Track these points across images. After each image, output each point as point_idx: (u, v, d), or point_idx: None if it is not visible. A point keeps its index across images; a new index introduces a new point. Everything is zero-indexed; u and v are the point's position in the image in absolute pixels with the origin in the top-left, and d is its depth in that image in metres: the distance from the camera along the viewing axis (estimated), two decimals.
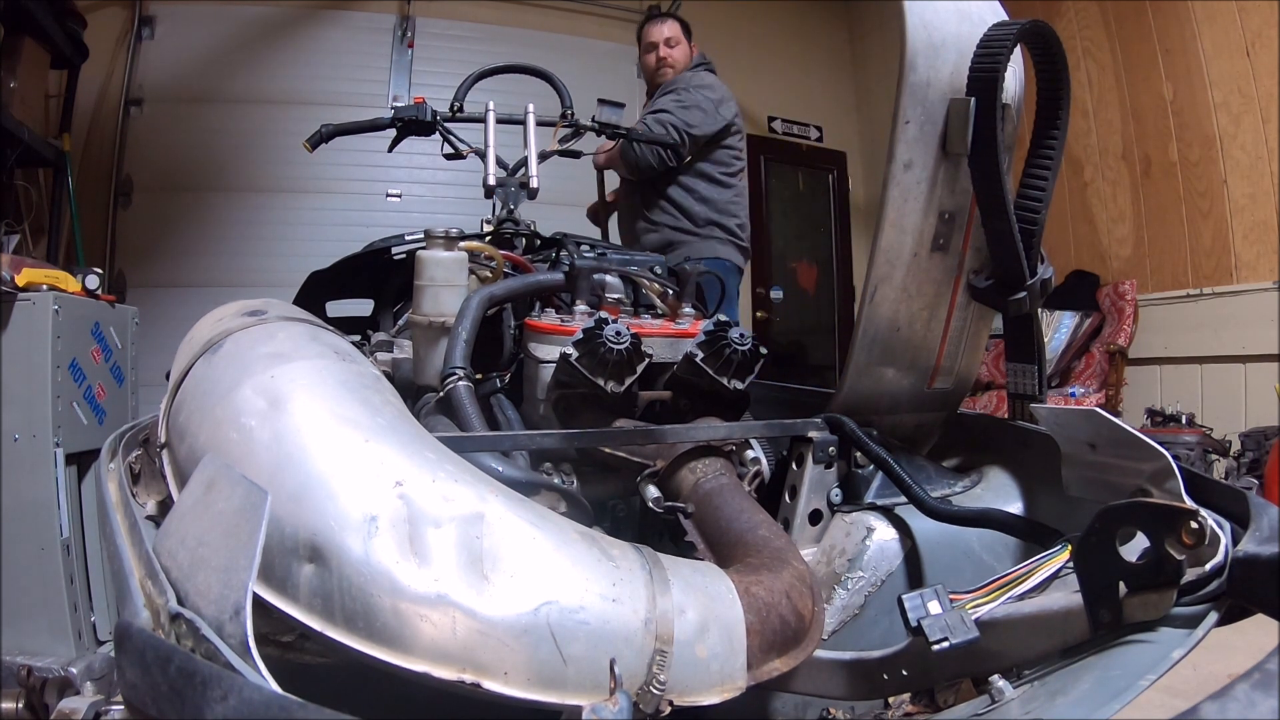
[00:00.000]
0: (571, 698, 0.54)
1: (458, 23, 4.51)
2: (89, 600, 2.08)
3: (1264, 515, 0.62)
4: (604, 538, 0.65)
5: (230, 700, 0.40)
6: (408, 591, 0.54)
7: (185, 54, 4.03)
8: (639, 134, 2.48)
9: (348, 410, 0.66)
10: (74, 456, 2.07)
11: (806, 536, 0.94)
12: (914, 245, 0.95)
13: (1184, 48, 3.51)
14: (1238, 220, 3.36)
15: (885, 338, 0.99)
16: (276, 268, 3.80)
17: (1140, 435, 0.73)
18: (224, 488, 0.54)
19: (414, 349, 1.20)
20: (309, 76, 4.21)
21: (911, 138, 0.89)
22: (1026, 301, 0.99)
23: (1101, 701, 0.53)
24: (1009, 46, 0.87)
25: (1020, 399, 1.08)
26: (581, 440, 0.90)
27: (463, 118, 1.85)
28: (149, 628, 0.50)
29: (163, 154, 3.97)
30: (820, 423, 0.96)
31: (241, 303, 0.89)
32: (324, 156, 2.12)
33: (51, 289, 2.05)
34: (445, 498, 0.59)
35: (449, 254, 1.17)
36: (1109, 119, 3.92)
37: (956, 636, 0.64)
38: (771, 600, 0.64)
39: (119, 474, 0.83)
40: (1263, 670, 0.40)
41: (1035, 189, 0.98)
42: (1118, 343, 3.61)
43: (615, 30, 4.79)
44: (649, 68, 2.89)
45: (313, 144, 1.79)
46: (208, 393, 0.71)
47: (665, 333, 1.07)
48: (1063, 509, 0.87)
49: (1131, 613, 0.61)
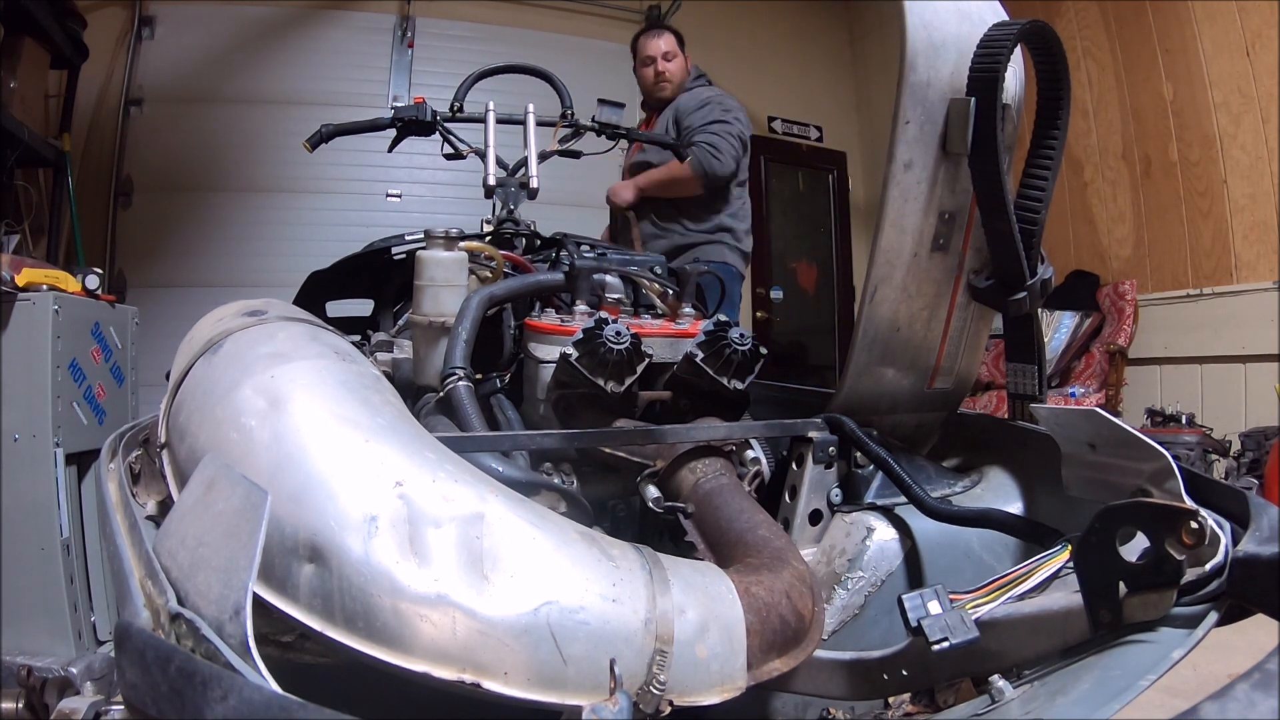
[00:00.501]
0: (571, 698, 0.54)
1: (458, 23, 4.51)
2: (89, 600, 2.08)
3: (1264, 515, 0.62)
4: (604, 538, 0.65)
5: (230, 700, 0.40)
6: (408, 591, 0.54)
7: (185, 54, 4.04)
8: (711, 144, 2.60)
9: (348, 410, 0.66)
10: (74, 456, 2.07)
11: (806, 536, 0.94)
12: (914, 245, 0.95)
13: (1184, 48, 3.51)
14: (1238, 220, 3.36)
15: (885, 338, 0.99)
16: (276, 268, 3.80)
17: (1140, 435, 0.73)
18: (224, 488, 0.54)
19: (414, 349, 1.20)
20: (309, 76, 4.21)
21: (911, 138, 0.89)
22: (1026, 301, 0.99)
23: (1101, 701, 0.53)
24: (1009, 46, 0.87)
25: (1020, 399, 1.08)
26: (581, 440, 0.90)
27: (463, 118, 1.85)
28: (149, 628, 0.50)
29: (163, 154, 3.98)
30: (820, 423, 0.96)
31: (241, 303, 0.89)
32: (324, 156, 2.12)
33: (51, 289, 2.05)
34: (445, 498, 0.59)
35: (449, 254, 1.17)
36: (1109, 119, 3.92)
37: (956, 636, 0.64)
38: (771, 600, 0.64)
39: (119, 474, 0.83)
40: (1263, 670, 0.40)
41: (1035, 189, 0.98)
42: (1118, 343, 3.61)
43: (615, 30, 4.79)
44: (646, 81, 2.92)
45: (313, 144, 1.79)
46: (208, 393, 0.71)
47: (665, 333, 1.07)
48: (1063, 509, 0.87)
49: (1131, 613, 0.61)
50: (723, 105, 2.74)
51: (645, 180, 2.75)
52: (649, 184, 2.75)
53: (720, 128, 2.67)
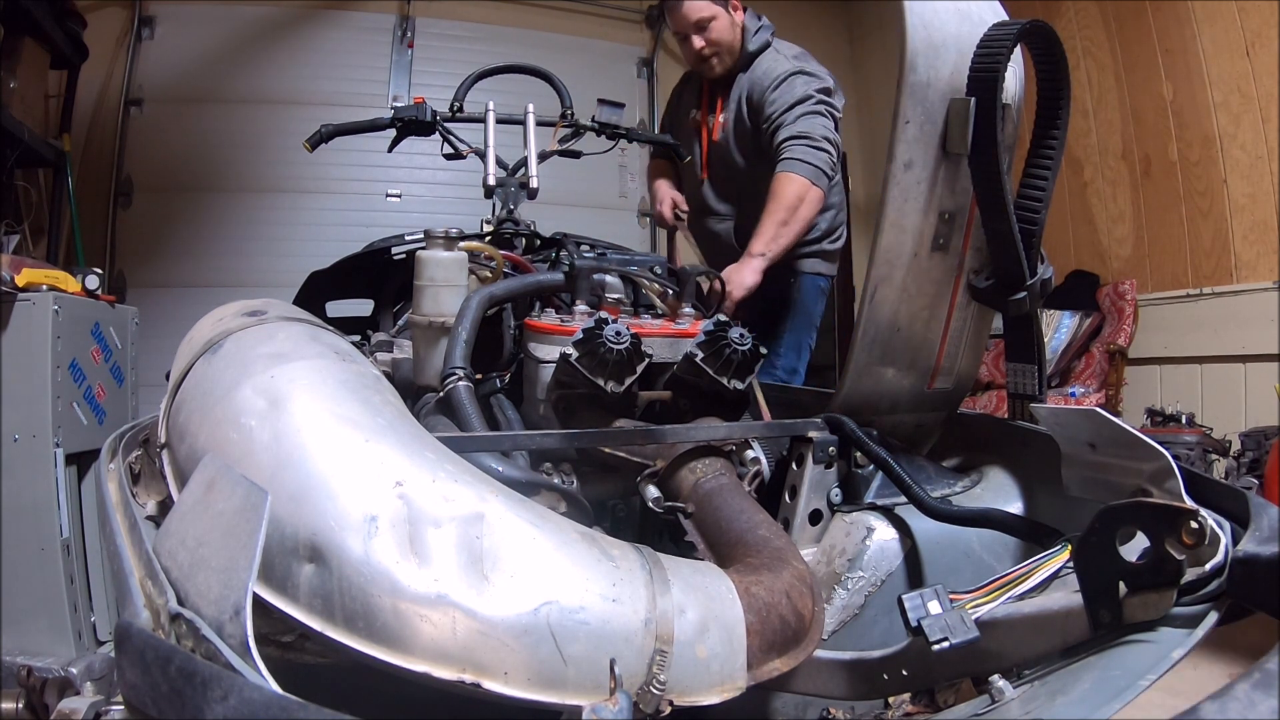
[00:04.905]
0: (571, 698, 0.54)
1: (458, 23, 4.50)
2: (89, 600, 2.08)
3: (1264, 515, 0.62)
4: (604, 538, 0.65)
5: (230, 700, 0.40)
6: (408, 591, 0.54)
7: (185, 54, 4.03)
8: (808, 136, 1.93)
9: (348, 410, 0.66)
10: (74, 456, 2.07)
11: (806, 536, 0.94)
12: (914, 245, 0.95)
13: (1184, 48, 3.50)
14: (1238, 220, 3.35)
15: (885, 338, 0.99)
16: (276, 268, 3.80)
17: (1140, 435, 0.73)
18: (224, 488, 0.54)
19: (414, 349, 1.20)
20: (309, 76, 4.21)
21: (911, 138, 0.89)
22: (1026, 301, 0.99)
23: (1101, 701, 0.53)
24: (1009, 46, 0.87)
25: (1020, 399, 1.08)
26: (581, 440, 0.90)
27: (463, 118, 1.85)
28: (149, 628, 0.50)
29: (163, 154, 3.97)
30: (820, 423, 0.96)
31: (241, 303, 0.89)
32: (324, 156, 2.11)
33: (51, 289, 2.05)
34: (445, 498, 0.59)
35: (449, 254, 1.17)
36: (1109, 119, 3.91)
37: (956, 636, 0.64)
38: (771, 600, 0.64)
39: (119, 474, 0.83)
40: (1263, 670, 0.40)
41: (1035, 189, 0.98)
42: (1118, 343, 3.61)
43: (615, 30, 4.79)
44: (690, 62, 2.22)
45: (313, 144, 1.79)
46: (208, 393, 0.71)
47: (665, 333, 1.07)
48: (1063, 509, 0.87)
49: (1131, 613, 0.61)
50: (806, 77, 2.02)
51: (771, 246, 1.89)
52: (779, 246, 1.90)
53: (814, 121, 1.96)
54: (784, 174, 1.89)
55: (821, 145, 1.91)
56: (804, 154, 1.90)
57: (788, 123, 1.96)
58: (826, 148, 1.92)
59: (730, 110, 2.16)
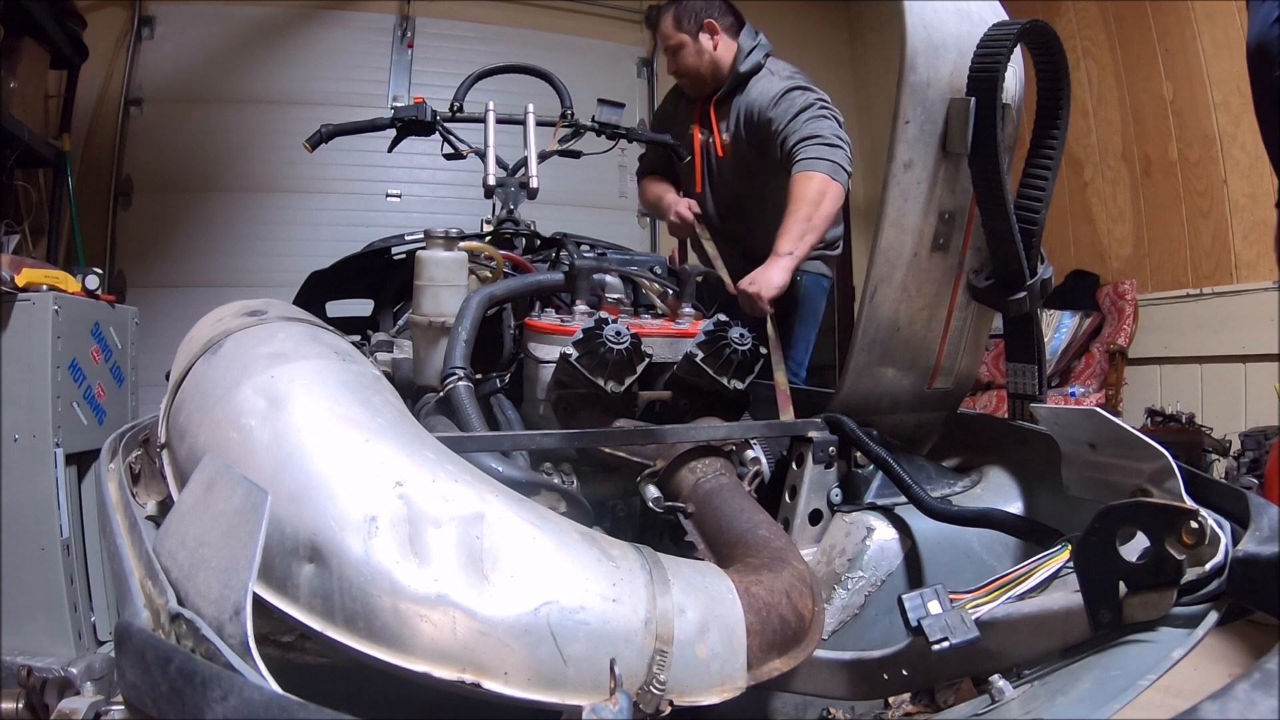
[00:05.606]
0: (571, 698, 0.54)
1: (458, 23, 4.50)
2: (89, 600, 2.08)
3: (1264, 515, 0.62)
4: (604, 538, 0.65)
5: (230, 700, 0.40)
6: (408, 591, 0.54)
7: (185, 54, 4.03)
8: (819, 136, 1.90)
9: (348, 410, 0.66)
10: (74, 456, 2.07)
11: (806, 536, 0.94)
12: (914, 245, 0.95)
13: (1184, 48, 3.50)
14: (1238, 220, 3.35)
15: (885, 338, 0.99)
16: (276, 268, 3.80)
17: (1140, 435, 0.73)
18: (224, 488, 0.54)
19: (414, 349, 1.20)
20: (309, 76, 4.21)
21: (911, 138, 0.89)
22: (1026, 301, 0.99)
23: (1101, 701, 0.53)
24: (1009, 46, 0.87)
25: (1020, 399, 1.08)
26: (581, 440, 0.90)
27: (463, 118, 1.85)
28: (149, 628, 0.50)
29: (163, 154, 3.97)
30: (820, 423, 0.96)
31: (241, 303, 0.89)
32: (324, 156, 2.12)
33: (51, 289, 2.05)
34: (445, 498, 0.59)
35: (449, 254, 1.17)
36: (1109, 119, 3.91)
37: (956, 636, 0.64)
38: (771, 600, 0.64)
39: (119, 474, 0.83)
40: (1263, 670, 0.40)
41: (1035, 189, 0.98)
42: (1118, 343, 3.61)
43: (615, 30, 4.79)
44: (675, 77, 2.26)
45: (313, 144, 1.79)
46: (208, 393, 0.71)
47: (665, 333, 1.07)
48: (1063, 509, 0.87)
49: (1131, 613, 0.61)
50: (803, 90, 2.04)
51: (799, 244, 1.81)
52: (807, 244, 1.84)
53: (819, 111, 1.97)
54: (802, 173, 1.86)
55: (834, 142, 1.90)
56: (819, 152, 1.88)
57: (796, 128, 1.96)
58: (840, 144, 1.90)
59: (729, 130, 2.18)
